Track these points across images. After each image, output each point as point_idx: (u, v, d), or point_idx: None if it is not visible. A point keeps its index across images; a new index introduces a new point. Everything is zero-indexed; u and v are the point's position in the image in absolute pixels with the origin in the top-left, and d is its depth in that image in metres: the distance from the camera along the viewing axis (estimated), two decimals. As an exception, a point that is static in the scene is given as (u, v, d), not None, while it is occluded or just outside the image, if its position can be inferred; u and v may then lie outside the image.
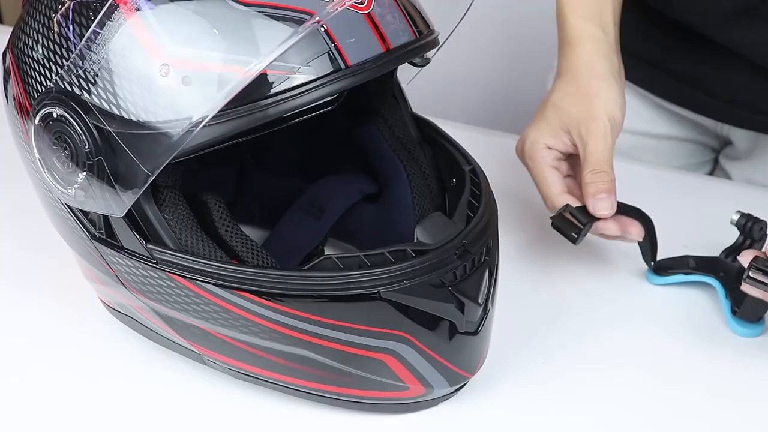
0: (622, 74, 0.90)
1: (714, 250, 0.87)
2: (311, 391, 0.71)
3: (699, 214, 0.99)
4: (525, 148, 0.87)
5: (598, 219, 0.83)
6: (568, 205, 0.83)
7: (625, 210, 0.84)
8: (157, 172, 0.64)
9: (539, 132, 0.87)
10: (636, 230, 0.85)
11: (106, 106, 0.64)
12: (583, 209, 0.83)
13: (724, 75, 1.03)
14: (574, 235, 0.82)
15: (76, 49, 0.65)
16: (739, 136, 1.09)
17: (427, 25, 0.72)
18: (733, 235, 0.86)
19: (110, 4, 0.64)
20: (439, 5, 0.76)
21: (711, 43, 1.01)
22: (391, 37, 0.67)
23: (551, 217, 0.83)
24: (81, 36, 0.65)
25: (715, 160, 1.18)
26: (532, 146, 0.87)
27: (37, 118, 0.68)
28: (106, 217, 0.70)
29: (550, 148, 0.86)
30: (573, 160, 0.88)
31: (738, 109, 1.05)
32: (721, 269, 0.86)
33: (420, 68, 0.78)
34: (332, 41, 0.64)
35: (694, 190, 1.06)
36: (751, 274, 0.74)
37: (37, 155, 0.70)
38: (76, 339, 0.80)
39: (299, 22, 0.63)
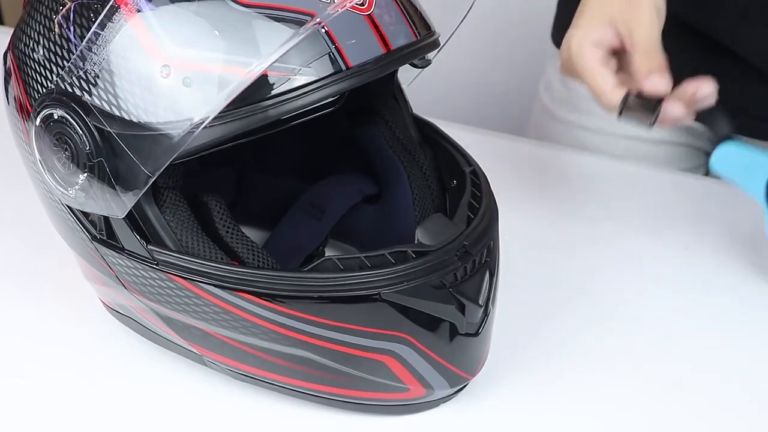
0: None
1: (714, 250, 0.87)
2: (311, 392, 0.71)
3: (698, 215, 0.99)
4: (572, 48, 0.85)
5: (662, 99, 0.80)
6: (628, 91, 0.81)
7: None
8: (157, 174, 0.64)
9: (583, 30, 0.84)
10: (708, 84, 0.82)
11: (107, 108, 0.64)
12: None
13: (717, 80, 1.03)
14: (649, 113, 0.79)
15: (77, 50, 0.65)
16: None
17: (428, 27, 0.72)
18: (734, 236, 0.86)
19: (111, 5, 0.64)
20: (439, 6, 0.76)
21: (704, 47, 1.00)
22: (392, 39, 0.67)
23: (619, 110, 0.80)
24: (82, 37, 0.65)
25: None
26: (580, 44, 0.84)
27: (38, 119, 0.68)
28: (106, 218, 0.70)
29: (596, 46, 0.84)
30: (619, 59, 0.85)
31: (730, 113, 1.05)
32: None
33: (421, 69, 0.78)
34: (333, 42, 0.64)
35: (693, 190, 1.06)
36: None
37: (37, 156, 0.70)
38: (76, 339, 0.80)
39: (300, 23, 0.63)
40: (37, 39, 0.68)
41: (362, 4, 0.66)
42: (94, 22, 0.64)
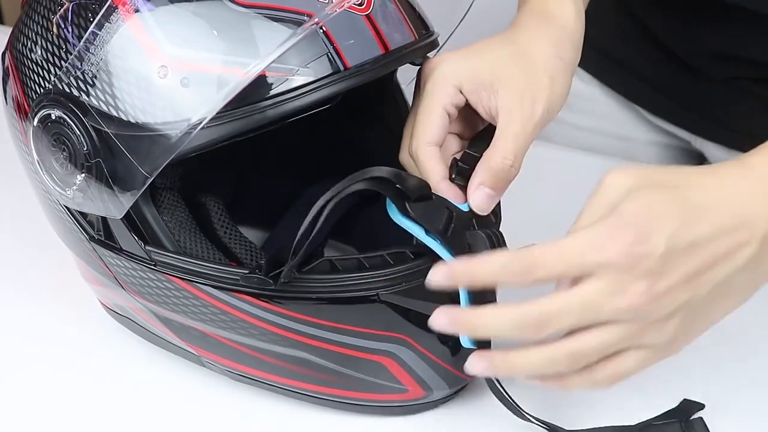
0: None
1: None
2: (310, 393, 0.71)
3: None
4: (433, 74, 0.69)
5: None
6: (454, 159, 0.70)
7: None
8: (155, 174, 0.64)
9: (460, 65, 0.69)
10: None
11: (105, 108, 0.64)
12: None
13: (696, 85, 1.03)
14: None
15: (74, 50, 0.65)
16: (713, 154, 1.08)
17: (427, 27, 0.72)
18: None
19: (109, 5, 0.64)
20: (438, 6, 0.75)
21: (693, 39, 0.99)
22: (390, 39, 0.67)
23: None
24: (80, 37, 0.65)
25: None
26: (444, 76, 0.69)
27: (36, 120, 0.68)
28: (104, 219, 0.70)
29: (460, 92, 0.69)
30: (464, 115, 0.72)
31: (709, 121, 1.04)
32: None
33: (420, 69, 0.78)
34: (331, 43, 0.64)
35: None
36: None
37: (35, 156, 0.70)
38: (74, 340, 0.80)
39: (298, 23, 0.63)
40: (34, 39, 0.68)
41: (360, 4, 0.66)
42: (91, 22, 0.64)
